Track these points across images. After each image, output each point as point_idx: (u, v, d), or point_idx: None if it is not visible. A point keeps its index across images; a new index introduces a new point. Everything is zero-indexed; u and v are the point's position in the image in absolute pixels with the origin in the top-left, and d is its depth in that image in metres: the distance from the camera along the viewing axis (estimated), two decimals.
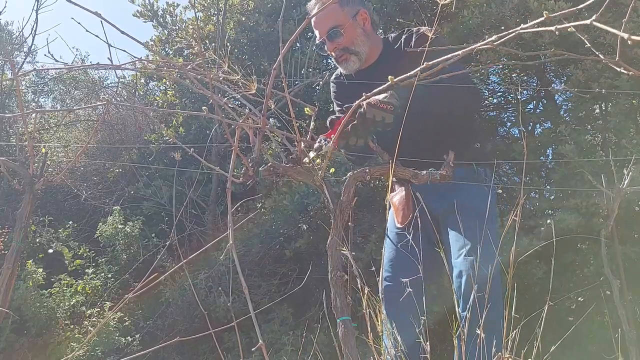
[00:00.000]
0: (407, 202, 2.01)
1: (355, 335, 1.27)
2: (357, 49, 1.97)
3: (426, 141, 1.77)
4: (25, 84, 6.75)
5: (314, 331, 2.80)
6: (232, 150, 1.18)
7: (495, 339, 1.36)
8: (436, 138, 1.84)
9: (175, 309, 3.63)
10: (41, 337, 3.48)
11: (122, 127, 5.68)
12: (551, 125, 3.43)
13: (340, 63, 2.02)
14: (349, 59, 1.98)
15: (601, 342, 2.83)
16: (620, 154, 2.84)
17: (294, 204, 3.72)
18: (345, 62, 2.00)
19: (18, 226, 2.19)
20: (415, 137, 1.54)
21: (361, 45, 1.97)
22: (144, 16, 4.74)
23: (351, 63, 1.99)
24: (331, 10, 1.93)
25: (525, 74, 3.78)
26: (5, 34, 6.88)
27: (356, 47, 1.97)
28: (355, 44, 1.97)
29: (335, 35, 1.94)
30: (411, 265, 1.80)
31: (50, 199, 5.27)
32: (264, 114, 1.20)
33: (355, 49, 1.97)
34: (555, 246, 1.55)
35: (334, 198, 1.34)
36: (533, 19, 3.34)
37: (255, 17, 4.47)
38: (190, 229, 4.27)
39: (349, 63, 1.99)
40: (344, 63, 2.00)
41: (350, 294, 1.33)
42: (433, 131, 1.84)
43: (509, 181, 3.80)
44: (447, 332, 1.58)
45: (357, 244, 3.42)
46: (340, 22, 1.93)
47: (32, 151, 2.15)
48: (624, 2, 2.87)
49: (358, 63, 1.99)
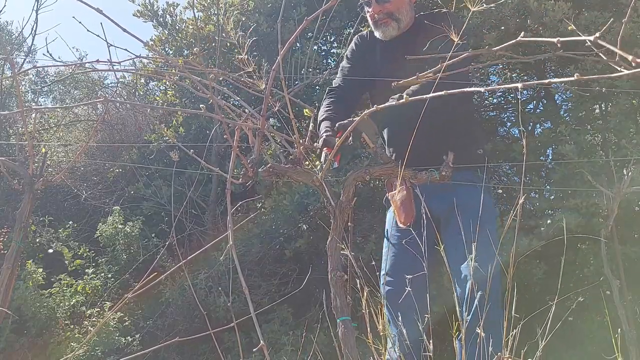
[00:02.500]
0: (410, 202, 2.00)
1: (355, 335, 1.27)
2: (399, 17, 1.97)
3: (429, 145, 1.77)
4: (25, 84, 6.75)
5: (314, 331, 2.80)
6: (232, 151, 1.18)
7: (495, 340, 1.36)
8: (439, 142, 1.84)
9: (175, 309, 3.63)
10: (41, 337, 3.48)
11: (122, 127, 5.68)
12: (551, 125, 3.43)
13: (378, 26, 2.00)
14: (389, 24, 1.98)
15: (601, 342, 2.83)
16: (620, 154, 2.84)
17: (294, 204, 3.72)
18: (385, 26, 1.99)
19: (18, 226, 2.20)
20: (418, 142, 1.55)
21: (404, 14, 1.98)
22: (144, 16, 4.73)
23: (390, 29, 1.98)
24: None
25: (525, 74, 3.78)
26: (5, 33, 6.88)
27: (400, 14, 1.97)
28: (400, 11, 1.97)
29: None
30: (414, 267, 1.80)
31: (50, 199, 5.27)
32: (263, 114, 1.20)
33: (398, 16, 1.97)
34: (555, 246, 1.55)
35: (334, 198, 1.34)
36: (533, 19, 3.34)
37: (255, 17, 4.47)
38: (190, 229, 4.27)
39: (387, 28, 1.99)
40: (382, 27, 1.99)
41: (350, 294, 1.33)
42: (435, 136, 1.84)
43: (509, 181, 3.80)
44: (447, 332, 1.58)
45: (357, 244, 3.42)
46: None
47: (32, 151, 2.15)
48: (624, 2, 2.86)
49: (396, 30, 1.99)
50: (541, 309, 1.33)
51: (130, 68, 1.43)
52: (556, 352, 2.88)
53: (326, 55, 4.72)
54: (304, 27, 1.09)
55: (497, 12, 3.14)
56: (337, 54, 4.53)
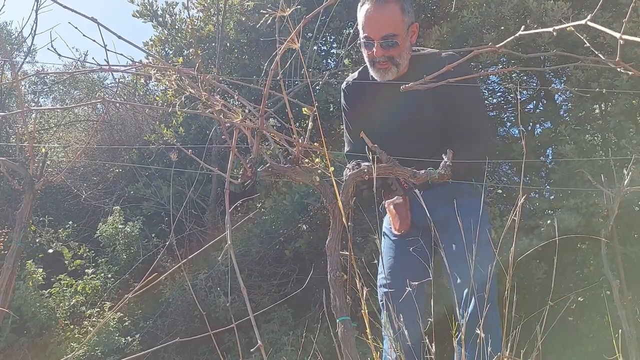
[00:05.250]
0: (405, 211, 2.00)
1: (355, 335, 1.27)
2: (400, 61, 1.89)
3: (429, 155, 1.77)
4: (25, 84, 6.76)
5: (314, 331, 2.80)
6: (231, 151, 1.18)
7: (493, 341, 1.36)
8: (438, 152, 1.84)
9: (175, 309, 3.63)
10: (41, 337, 3.48)
11: (122, 127, 5.68)
12: (551, 125, 3.44)
13: (377, 69, 1.92)
14: (389, 69, 1.90)
15: (601, 342, 2.83)
16: (620, 154, 2.84)
17: (294, 204, 3.72)
18: (385, 70, 1.91)
19: (18, 226, 2.19)
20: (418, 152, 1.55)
21: (405, 58, 1.90)
22: (143, 16, 4.73)
23: (390, 73, 1.91)
24: (393, 16, 1.84)
25: (525, 73, 3.78)
26: (5, 34, 6.88)
27: (400, 59, 1.89)
28: (401, 56, 1.89)
29: (392, 44, 1.85)
30: (410, 271, 1.80)
31: (50, 199, 5.27)
32: (262, 114, 1.20)
33: (399, 60, 1.89)
34: (555, 246, 1.55)
35: (333, 198, 1.34)
36: (532, 19, 3.34)
37: (255, 17, 4.47)
38: (190, 229, 4.27)
39: (387, 72, 1.91)
40: (382, 71, 1.91)
41: (350, 294, 1.33)
42: (434, 147, 1.83)
43: (508, 181, 3.80)
44: (446, 332, 1.58)
45: (357, 244, 3.42)
46: (397, 31, 1.84)
47: (32, 151, 2.15)
48: (624, 2, 2.87)
49: (395, 75, 1.91)
50: (541, 309, 1.33)
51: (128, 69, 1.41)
52: (556, 352, 2.89)
53: (326, 55, 4.72)
54: (303, 26, 1.09)
55: (496, 12, 3.14)
56: (337, 54, 4.54)
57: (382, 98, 1.99)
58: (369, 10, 1.85)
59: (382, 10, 1.83)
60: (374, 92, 2.01)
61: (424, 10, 3.89)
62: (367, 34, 1.87)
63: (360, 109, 2.08)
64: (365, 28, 1.88)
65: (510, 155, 3.28)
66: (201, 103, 1.27)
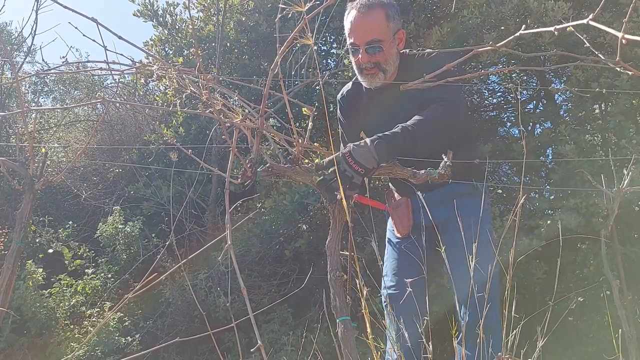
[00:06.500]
0: (407, 214, 2.01)
1: (355, 335, 1.27)
2: (387, 67, 1.91)
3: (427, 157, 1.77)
4: (25, 84, 6.75)
5: (314, 331, 2.80)
6: (231, 151, 1.18)
7: (493, 341, 1.36)
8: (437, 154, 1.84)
9: (175, 309, 3.63)
10: (41, 337, 3.48)
11: (122, 127, 5.69)
12: (551, 125, 3.43)
13: (365, 75, 1.94)
14: (377, 75, 1.92)
15: (601, 342, 2.83)
16: (620, 154, 2.84)
17: (294, 204, 3.72)
18: (372, 76, 1.92)
19: (18, 226, 2.19)
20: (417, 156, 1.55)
21: (391, 64, 1.92)
22: (144, 15, 4.73)
23: (377, 79, 1.92)
24: (377, 22, 1.86)
25: (525, 73, 3.78)
26: (5, 34, 6.88)
27: (387, 65, 1.91)
28: (388, 62, 1.91)
29: (376, 50, 1.87)
30: (414, 273, 1.81)
31: (50, 199, 5.27)
32: (262, 114, 1.20)
33: (385, 67, 1.91)
34: (555, 246, 1.55)
35: (333, 198, 1.34)
36: (533, 19, 3.34)
37: (255, 17, 4.47)
38: (190, 229, 4.27)
39: (374, 78, 1.92)
40: (369, 77, 1.93)
41: (350, 294, 1.33)
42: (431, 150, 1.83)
43: (508, 181, 3.80)
44: (446, 332, 1.58)
45: (357, 244, 3.43)
46: (382, 37, 1.86)
47: (32, 151, 2.15)
48: (624, 2, 2.87)
49: (382, 80, 1.93)
50: (541, 309, 1.33)
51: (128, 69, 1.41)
52: (556, 352, 2.88)
53: (326, 55, 4.72)
54: (303, 25, 1.09)
55: (496, 12, 3.14)
56: (337, 54, 4.53)
57: (375, 106, 2.01)
58: (354, 17, 1.87)
59: (366, 16, 1.85)
60: (369, 100, 2.03)
61: (424, 11, 3.89)
62: (352, 40, 1.90)
63: (355, 119, 2.09)
64: (350, 35, 1.90)
65: (510, 155, 3.28)
66: (201, 103, 1.27)
